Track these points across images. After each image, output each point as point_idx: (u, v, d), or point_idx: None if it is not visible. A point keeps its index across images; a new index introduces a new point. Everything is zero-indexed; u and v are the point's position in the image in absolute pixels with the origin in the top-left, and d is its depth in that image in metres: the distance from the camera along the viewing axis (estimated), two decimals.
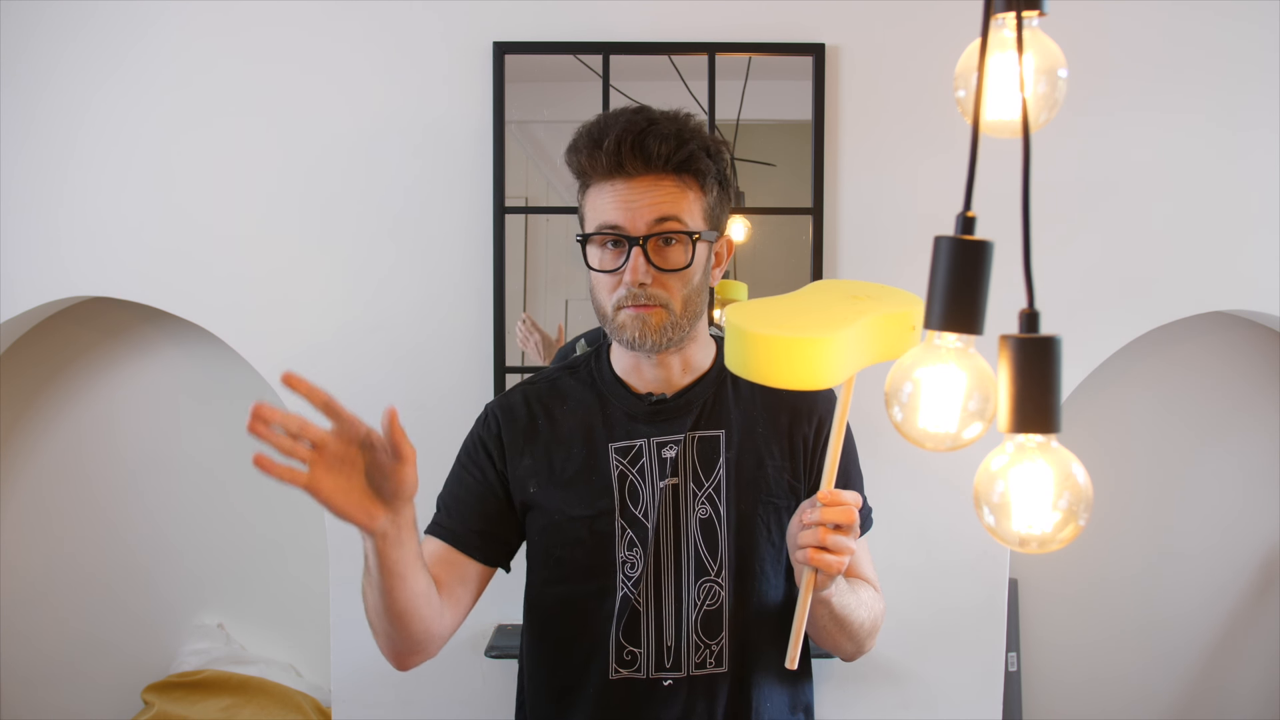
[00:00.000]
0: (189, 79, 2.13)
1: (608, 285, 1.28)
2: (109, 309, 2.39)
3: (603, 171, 1.26)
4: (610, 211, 1.26)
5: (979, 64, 0.71)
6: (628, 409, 1.34)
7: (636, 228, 1.25)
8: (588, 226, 1.30)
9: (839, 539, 1.12)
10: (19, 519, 2.48)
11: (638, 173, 1.25)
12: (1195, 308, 2.17)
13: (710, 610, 1.31)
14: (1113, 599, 2.51)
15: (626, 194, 1.25)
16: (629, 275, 1.25)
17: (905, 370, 0.74)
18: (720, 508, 1.31)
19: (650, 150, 1.23)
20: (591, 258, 1.29)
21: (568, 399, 1.37)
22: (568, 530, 1.33)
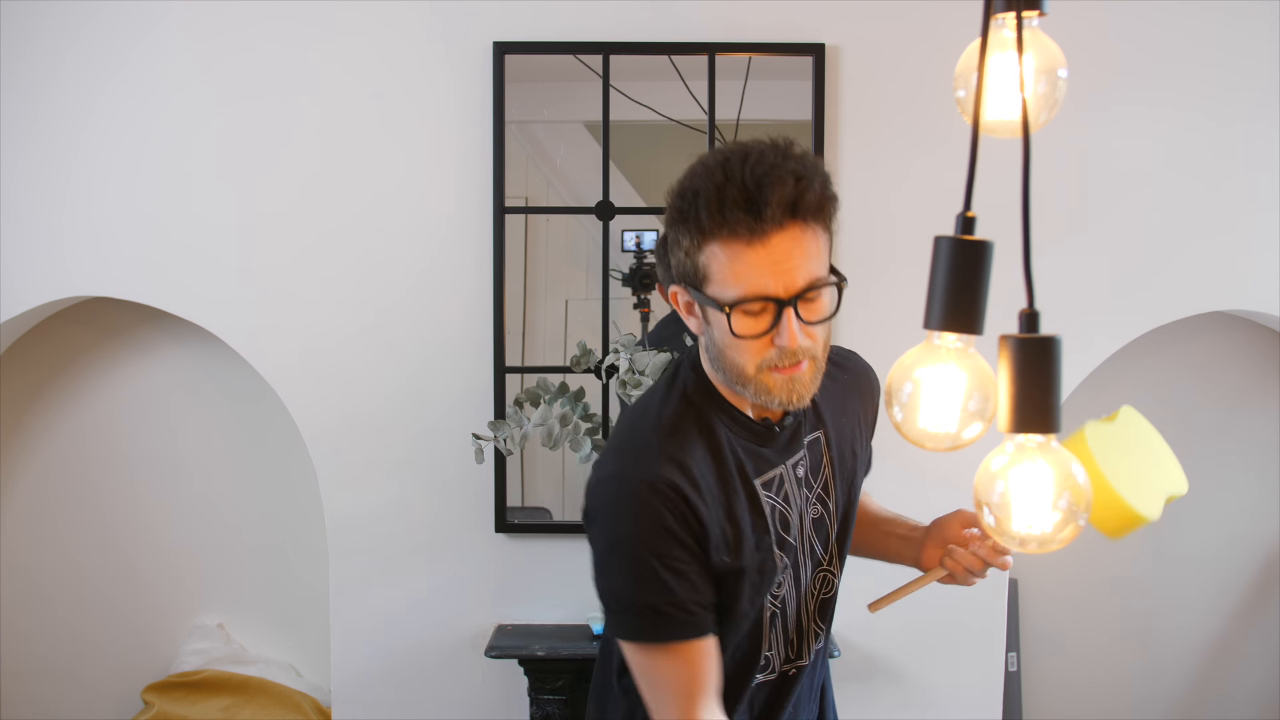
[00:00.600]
0: (190, 80, 2.13)
1: (753, 350, 1.17)
2: (109, 309, 2.39)
3: (748, 234, 1.12)
4: (758, 278, 1.13)
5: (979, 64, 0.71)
6: (757, 439, 1.27)
7: (789, 291, 1.13)
8: (724, 290, 1.16)
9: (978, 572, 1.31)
10: (19, 519, 2.48)
11: (778, 227, 1.12)
12: (1195, 308, 2.17)
13: (826, 598, 1.35)
14: (1113, 599, 2.51)
15: (773, 254, 1.12)
16: (784, 340, 1.14)
17: (905, 370, 0.74)
18: (830, 504, 1.33)
19: (803, 206, 1.11)
20: (737, 325, 1.15)
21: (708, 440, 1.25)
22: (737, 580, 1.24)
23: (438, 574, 2.15)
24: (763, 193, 1.09)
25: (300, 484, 2.38)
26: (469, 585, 2.16)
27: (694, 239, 1.16)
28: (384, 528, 2.17)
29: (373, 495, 2.16)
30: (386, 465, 2.16)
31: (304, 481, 2.34)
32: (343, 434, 2.16)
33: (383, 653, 2.18)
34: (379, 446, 2.16)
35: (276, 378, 2.15)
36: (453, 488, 2.15)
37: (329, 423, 2.15)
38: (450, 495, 2.16)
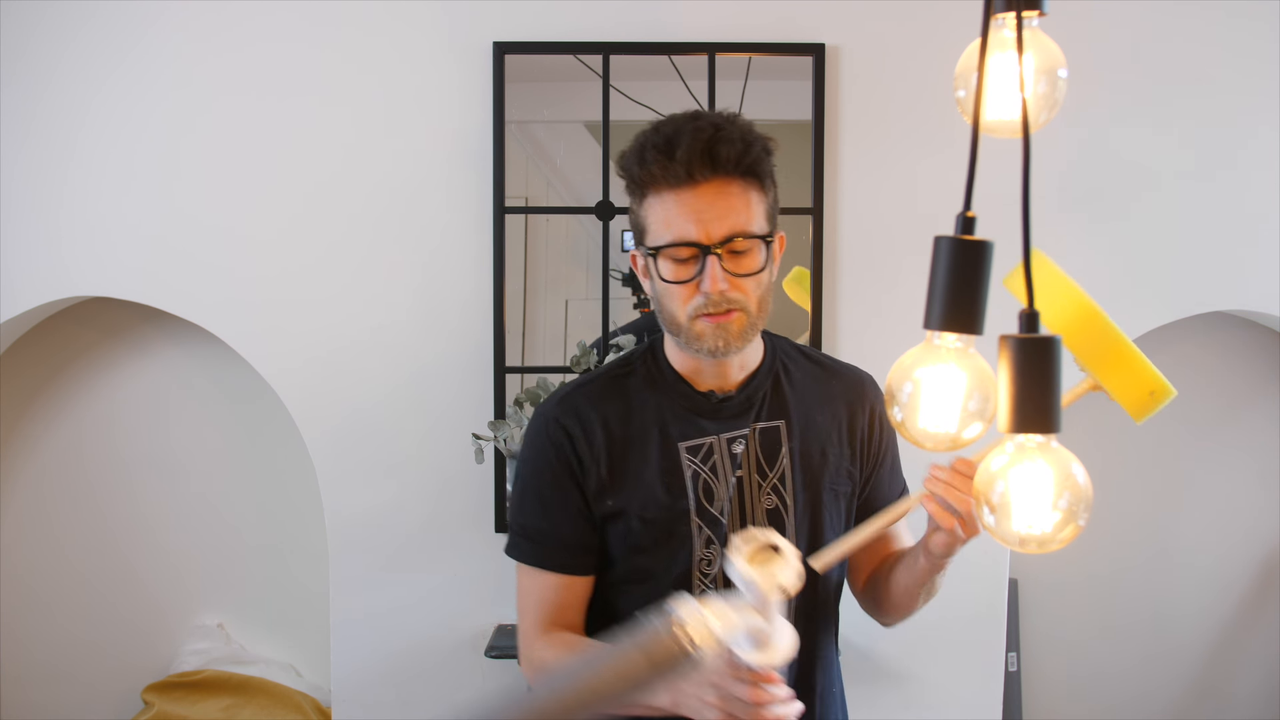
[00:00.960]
0: (188, 81, 2.13)
1: (681, 295, 1.26)
2: (109, 309, 2.39)
3: (671, 180, 1.24)
4: (682, 224, 1.24)
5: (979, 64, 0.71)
6: (693, 407, 1.34)
7: (711, 237, 1.23)
8: (655, 239, 1.27)
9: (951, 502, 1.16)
10: (19, 519, 2.48)
11: (704, 179, 1.24)
12: (1195, 308, 2.17)
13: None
14: (1113, 599, 2.51)
15: (695, 203, 1.24)
16: (708, 284, 1.23)
17: (905, 370, 0.74)
18: (786, 497, 1.34)
19: (720, 156, 1.22)
20: (664, 270, 1.27)
21: (631, 399, 1.36)
22: (645, 534, 1.32)
23: (437, 574, 2.15)
24: (679, 139, 1.23)
25: (300, 484, 2.38)
26: (469, 585, 2.16)
27: (635, 196, 1.30)
28: (384, 528, 2.17)
29: (372, 495, 2.16)
30: (386, 465, 2.16)
31: (303, 481, 2.34)
32: (342, 434, 2.16)
33: (383, 653, 2.18)
34: (379, 446, 2.16)
35: (276, 377, 2.15)
36: (453, 488, 2.15)
37: (329, 422, 2.15)
38: (450, 495, 2.16)
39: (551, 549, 1.34)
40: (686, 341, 1.28)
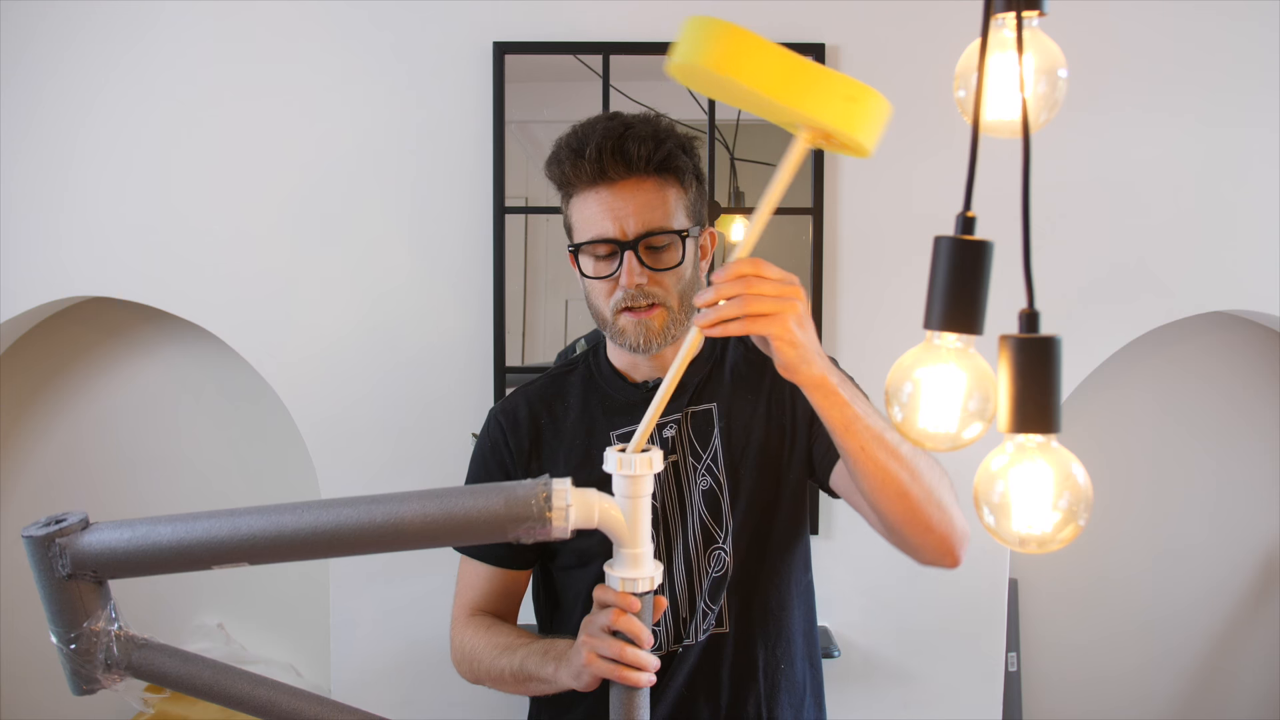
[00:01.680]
0: (189, 80, 2.13)
1: (603, 291, 1.31)
2: (109, 309, 2.39)
3: (586, 180, 1.28)
4: (598, 221, 1.28)
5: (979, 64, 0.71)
6: (626, 397, 1.39)
7: (626, 234, 1.27)
8: (577, 237, 1.32)
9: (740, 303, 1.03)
10: (19, 519, 2.48)
11: (620, 177, 1.27)
12: (1195, 308, 2.17)
13: (717, 577, 1.35)
14: (1113, 598, 2.51)
15: (611, 201, 1.28)
16: (624, 279, 1.27)
17: (905, 370, 0.74)
18: (720, 476, 1.35)
19: (630, 153, 1.26)
20: (585, 266, 1.32)
21: (568, 396, 1.42)
22: None
23: (438, 574, 2.15)
24: (590, 138, 1.27)
25: (300, 484, 2.38)
26: None
27: (562, 197, 1.34)
28: None
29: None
30: (386, 465, 2.16)
31: (304, 481, 2.34)
32: (342, 433, 2.16)
33: (383, 653, 2.18)
34: (379, 446, 2.16)
35: (276, 377, 2.15)
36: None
37: (328, 422, 2.15)
38: None
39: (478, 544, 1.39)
40: (612, 336, 1.33)
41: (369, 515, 0.95)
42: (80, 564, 0.98)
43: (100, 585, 1.00)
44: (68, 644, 0.98)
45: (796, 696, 1.41)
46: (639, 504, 1.02)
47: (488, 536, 0.95)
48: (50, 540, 0.98)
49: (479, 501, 0.95)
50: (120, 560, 0.98)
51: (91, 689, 0.99)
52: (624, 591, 1.07)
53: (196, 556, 1.00)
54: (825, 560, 2.04)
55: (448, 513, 0.95)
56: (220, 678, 1.00)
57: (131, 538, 0.98)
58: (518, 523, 0.94)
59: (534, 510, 0.94)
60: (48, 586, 0.98)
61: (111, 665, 1.00)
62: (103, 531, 0.98)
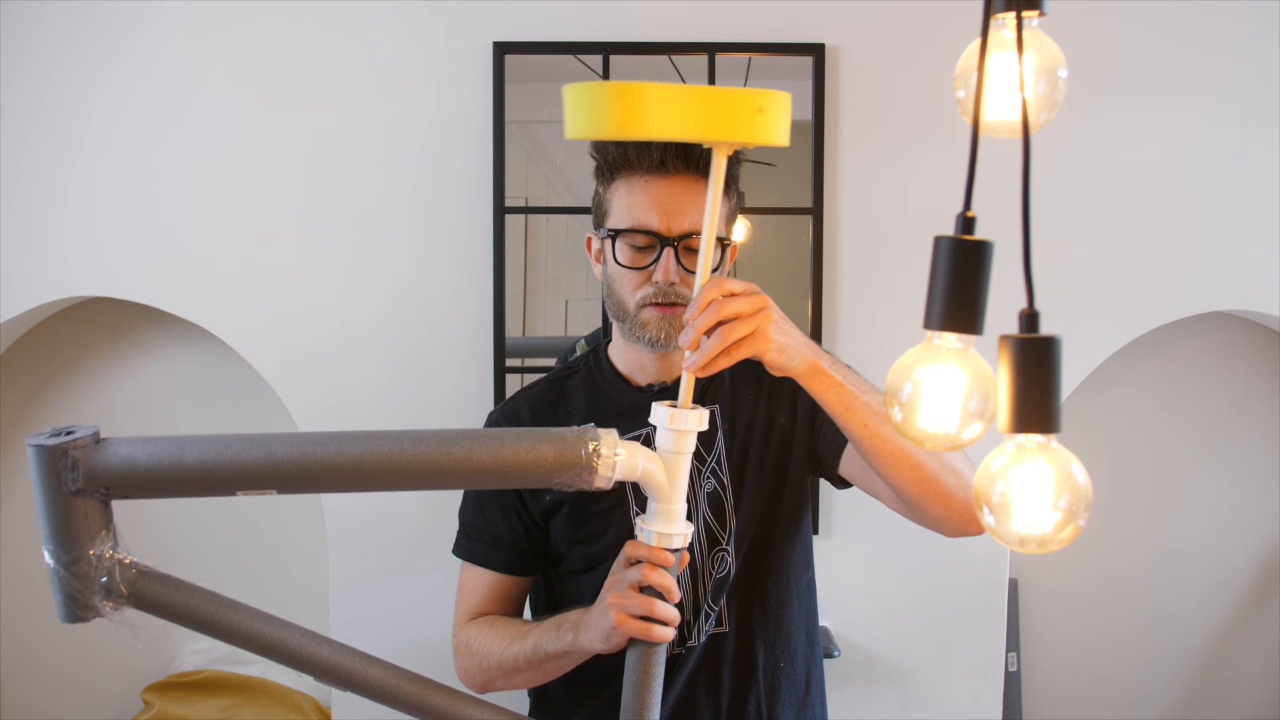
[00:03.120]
0: (188, 80, 2.13)
1: (632, 282, 1.29)
2: (109, 309, 2.39)
3: (643, 166, 1.26)
4: (645, 212, 1.26)
5: (979, 64, 0.71)
6: (631, 401, 1.37)
7: (671, 230, 1.25)
8: (617, 221, 1.29)
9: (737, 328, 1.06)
10: (19, 519, 2.48)
11: (676, 171, 1.25)
12: (1195, 308, 2.17)
13: (720, 578, 1.35)
14: (1113, 599, 2.51)
15: (662, 194, 1.25)
16: (660, 275, 1.26)
17: (905, 370, 0.74)
18: (724, 478, 1.35)
19: (693, 152, 1.24)
20: (620, 254, 1.29)
21: (570, 400, 1.40)
22: (587, 526, 1.35)
23: (438, 574, 2.15)
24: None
25: None
26: None
27: (603, 178, 1.31)
28: (384, 527, 2.17)
29: (373, 495, 2.16)
30: None
31: None
32: None
33: (383, 653, 2.16)
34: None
35: (276, 378, 2.15)
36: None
37: (328, 423, 2.15)
38: (450, 495, 2.15)
39: (485, 545, 1.40)
40: (630, 329, 1.30)
41: (415, 449, 0.91)
42: (93, 479, 0.88)
43: (105, 506, 0.92)
44: (66, 566, 0.91)
45: (798, 695, 1.40)
46: (680, 460, 1.03)
47: (531, 481, 0.93)
48: (62, 451, 0.87)
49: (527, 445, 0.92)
50: (140, 477, 0.89)
51: (85, 617, 0.94)
52: (657, 547, 1.06)
53: (223, 479, 0.91)
54: (825, 560, 2.04)
55: (495, 454, 0.92)
56: (224, 612, 0.96)
57: (153, 454, 0.89)
58: (564, 469, 0.92)
59: (582, 458, 0.92)
60: (52, 502, 0.89)
61: (111, 592, 0.95)
62: (121, 446, 0.89)
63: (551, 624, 1.26)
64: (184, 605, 0.96)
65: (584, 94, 0.94)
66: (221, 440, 0.90)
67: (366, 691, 0.99)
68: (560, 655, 1.23)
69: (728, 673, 1.36)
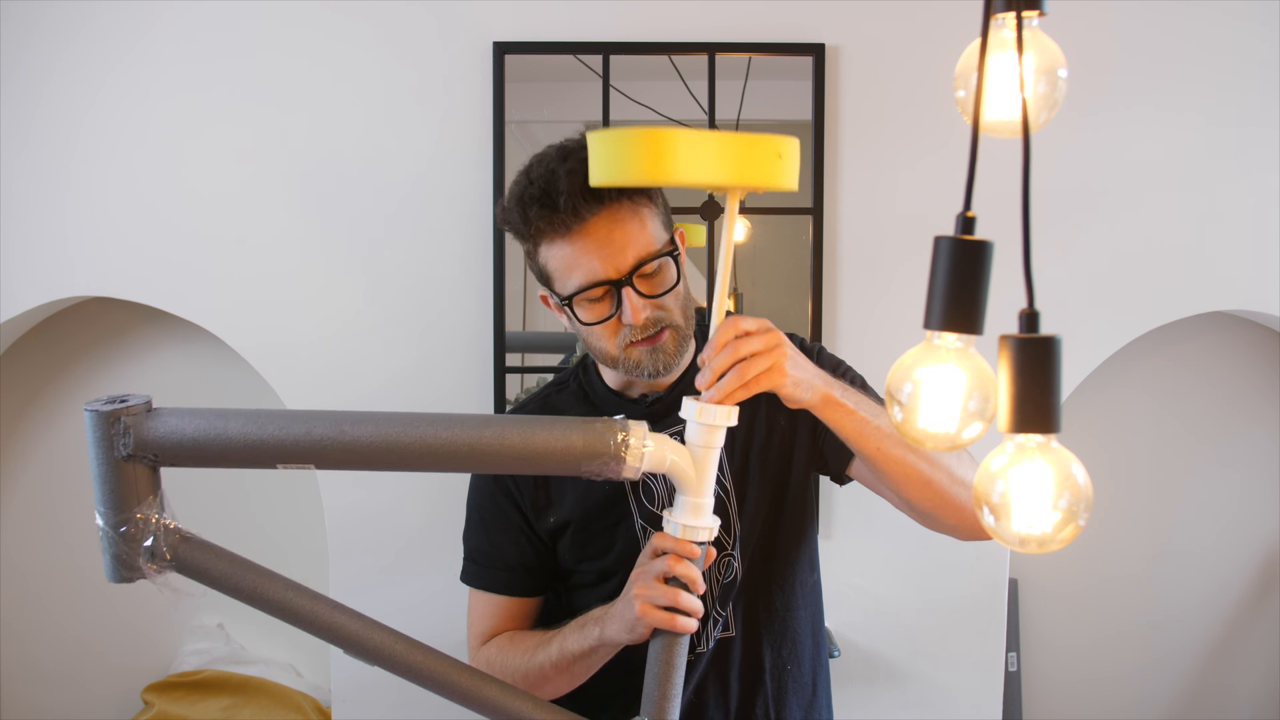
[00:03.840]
0: (188, 80, 2.13)
1: (607, 333, 1.25)
2: (109, 309, 2.39)
3: (562, 229, 1.21)
4: (586, 265, 1.21)
5: (979, 64, 0.71)
6: (623, 414, 1.35)
7: (621, 270, 1.21)
8: (564, 287, 1.25)
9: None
10: (19, 519, 2.48)
11: (593, 214, 1.20)
12: (1195, 308, 2.17)
13: (727, 583, 1.35)
14: (1113, 599, 2.51)
15: (592, 241, 1.20)
16: (629, 317, 1.22)
17: (905, 370, 0.74)
18: (727, 484, 1.34)
19: (602, 190, 1.18)
20: (581, 314, 1.25)
21: (562, 414, 1.39)
22: (592, 543, 1.34)
23: (438, 574, 2.15)
24: (556, 185, 1.18)
25: (300, 484, 2.38)
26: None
27: (527, 245, 1.27)
28: (384, 527, 2.17)
29: (373, 495, 2.17)
30: None
31: (304, 481, 2.34)
32: None
33: None
34: None
35: (276, 378, 2.15)
36: (453, 487, 2.15)
37: None
38: (450, 495, 2.15)
39: (494, 569, 1.39)
40: (625, 371, 1.27)
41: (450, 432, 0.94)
42: (142, 445, 0.94)
43: (154, 472, 0.97)
44: (116, 528, 0.98)
45: (805, 697, 1.40)
46: (709, 454, 1.04)
47: (560, 469, 0.95)
48: (116, 417, 0.93)
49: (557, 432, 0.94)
50: (186, 447, 0.95)
51: (131, 577, 0.99)
52: (683, 539, 1.07)
53: (264, 453, 0.99)
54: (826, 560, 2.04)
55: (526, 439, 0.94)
56: (262, 582, 1.02)
57: (199, 426, 0.95)
58: (593, 458, 0.94)
59: (610, 448, 0.93)
60: (104, 465, 0.95)
61: (156, 555, 0.98)
62: (170, 416, 0.94)
63: (575, 625, 1.26)
64: (223, 572, 1.02)
65: (611, 141, 0.93)
66: (265, 415, 0.97)
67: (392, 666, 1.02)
68: (588, 652, 1.23)
69: (735, 676, 1.36)
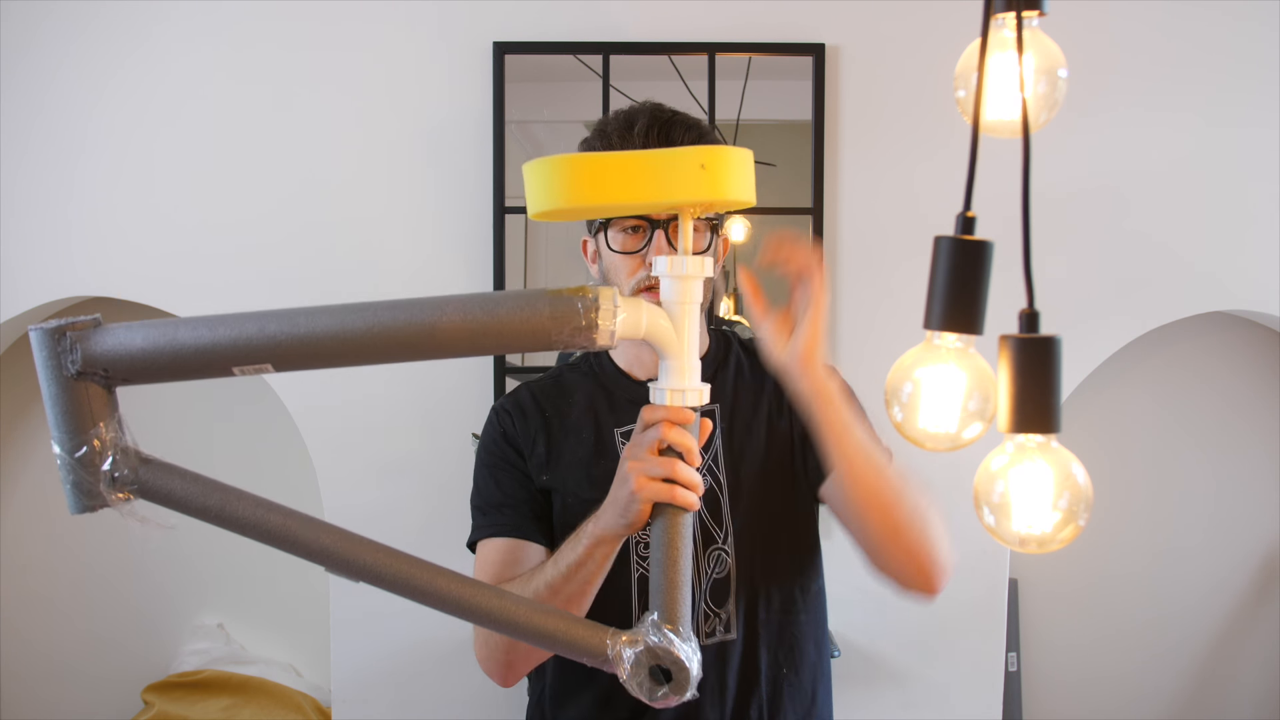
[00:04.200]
0: (189, 80, 2.13)
1: (626, 269, 1.30)
2: (109, 309, 2.39)
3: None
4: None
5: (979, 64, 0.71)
6: (630, 395, 1.38)
7: (660, 214, 1.27)
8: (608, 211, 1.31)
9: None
10: (19, 518, 2.48)
11: None
12: (1195, 308, 2.17)
13: (719, 578, 1.34)
14: (1113, 598, 2.51)
15: None
16: (653, 256, 1.26)
17: (905, 370, 0.74)
18: (720, 477, 1.35)
19: (675, 138, 1.27)
20: (613, 240, 1.31)
21: (572, 393, 1.41)
22: (581, 513, 1.34)
23: None
24: (638, 118, 1.29)
25: (300, 484, 2.38)
26: None
27: None
28: (384, 527, 2.17)
29: (373, 495, 2.17)
30: (386, 465, 2.16)
31: (304, 481, 2.34)
32: (343, 434, 2.16)
33: (383, 653, 2.18)
34: (379, 446, 2.16)
35: (277, 378, 2.15)
36: (452, 488, 2.15)
37: (329, 422, 2.16)
38: (450, 495, 2.16)
39: (504, 512, 1.36)
40: None
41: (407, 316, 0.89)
42: (91, 362, 0.88)
43: (109, 393, 0.91)
44: (72, 453, 0.90)
45: (802, 704, 1.39)
46: (687, 309, 1.00)
47: (530, 344, 0.90)
48: (61, 334, 0.86)
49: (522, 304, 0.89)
50: (136, 360, 0.89)
51: (93, 505, 0.92)
52: (673, 405, 1.02)
53: (218, 358, 0.91)
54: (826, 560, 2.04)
55: (491, 314, 0.88)
56: (229, 501, 0.94)
57: (149, 335, 0.89)
58: (562, 327, 0.89)
59: (580, 315, 0.89)
60: (54, 386, 0.88)
61: (118, 480, 0.93)
62: (118, 330, 0.88)
63: (568, 542, 1.21)
64: (188, 494, 0.97)
65: (537, 171, 0.96)
66: (216, 319, 0.90)
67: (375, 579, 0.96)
68: (584, 558, 1.17)
69: (733, 678, 1.35)
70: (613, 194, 0.95)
